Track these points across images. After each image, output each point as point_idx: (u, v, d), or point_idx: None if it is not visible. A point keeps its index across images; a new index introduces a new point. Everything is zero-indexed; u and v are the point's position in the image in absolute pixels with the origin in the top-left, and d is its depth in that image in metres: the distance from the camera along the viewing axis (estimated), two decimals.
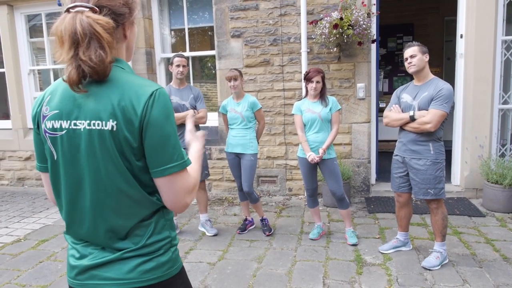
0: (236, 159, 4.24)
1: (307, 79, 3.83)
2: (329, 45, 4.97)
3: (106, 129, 1.14)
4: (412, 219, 4.29)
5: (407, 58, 3.30)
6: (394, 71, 9.01)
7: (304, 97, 4.03)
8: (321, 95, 3.89)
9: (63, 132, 1.19)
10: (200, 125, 4.35)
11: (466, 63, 5.06)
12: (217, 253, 3.88)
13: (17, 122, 6.78)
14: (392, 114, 3.48)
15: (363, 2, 4.85)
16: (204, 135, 1.56)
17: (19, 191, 6.61)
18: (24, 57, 6.78)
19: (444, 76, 8.20)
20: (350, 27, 4.62)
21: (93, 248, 1.26)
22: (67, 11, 1.13)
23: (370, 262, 3.56)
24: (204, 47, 6.19)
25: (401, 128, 3.48)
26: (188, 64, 5.08)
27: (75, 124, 1.17)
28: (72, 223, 1.27)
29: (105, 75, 1.14)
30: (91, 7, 1.13)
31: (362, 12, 4.69)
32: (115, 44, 1.18)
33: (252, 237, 4.25)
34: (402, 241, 3.75)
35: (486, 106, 4.96)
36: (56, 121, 1.19)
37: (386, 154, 6.29)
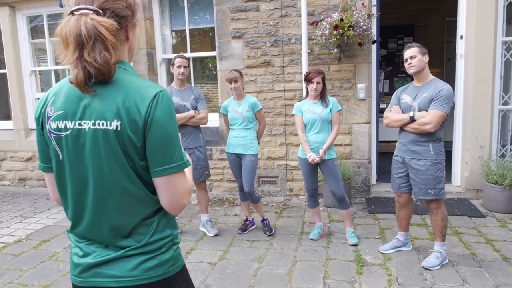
0: (237, 160, 4.25)
1: (308, 80, 3.85)
2: (330, 46, 4.99)
3: (111, 129, 1.16)
4: (412, 220, 4.31)
5: (407, 59, 3.32)
6: (395, 72, 9.02)
7: (305, 98, 4.04)
8: (322, 96, 3.91)
9: (68, 132, 1.20)
10: (201, 126, 4.37)
11: (466, 64, 5.08)
12: (218, 253, 3.90)
13: (19, 123, 6.80)
14: (392, 115, 3.49)
15: (364, 3, 4.88)
16: None
17: (21, 192, 6.63)
18: (26, 58, 6.80)
19: (445, 77, 8.22)
20: (351, 28, 4.64)
21: (97, 246, 1.28)
22: (71, 14, 1.15)
23: (370, 262, 3.57)
24: (205, 48, 6.21)
25: (401, 129, 3.49)
26: (189, 65, 5.10)
27: (80, 124, 1.19)
28: (77, 222, 1.29)
29: (110, 76, 1.16)
30: (95, 10, 1.15)
31: (363, 13, 4.71)
32: (119, 46, 1.20)
33: (253, 237, 4.26)
34: (402, 241, 3.76)
35: (486, 107, 4.98)
36: (61, 122, 1.21)
37: (387, 155, 6.32)
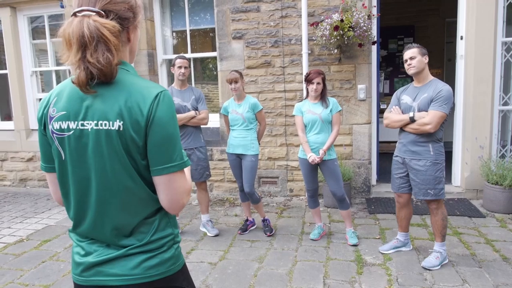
0: (237, 160, 4.26)
1: (308, 81, 3.86)
2: (330, 47, 5.00)
3: (113, 129, 1.18)
4: (413, 220, 4.32)
5: (407, 60, 3.33)
6: (395, 73, 9.03)
7: (305, 99, 4.06)
8: (322, 97, 3.92)
9: (71, 133, 1.22)
10: (202, 126, 4.38)
11: (466, 65, 5.09)
12: (219, 253, 3.91)
13: (20, 123, 6.82)
14: (392, 116, 3.50)
15: (364, 4, 4.89)
16: None
17: (21, 192, 6.64)
18: (27, 59, 6.82)
19: (445, 78, 8.23)
20: (351, 29, 4.65)
21: (98, 246, 1.29)
22: (74, 15, 1.17)
23: (371, 262, 3.58)
24: (206, 49, 6.22)
25: (401, 129, 3.50)
26: (190, 66, 5.11)
27: (83, 125, 1.20)
28: (79, 221, 1.30)
29: (112, 77, 1.18)
30: (98, 11, 1.17)
31: (363, 14, 4.72)
32: (121, 47, 1.22)
33: (253, 238, 4.27)
34: (402, 242, 3.77)
35: (486, 107, 4.98)
36: (64, 122, 1.22)
37: (387, 155, 6.32)
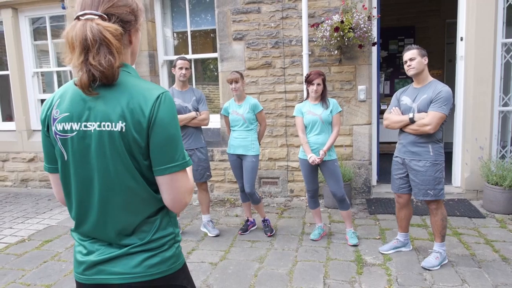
0: (238, 161, 4.28)
1: (308, 82, 3.87)
2: (330, 48, 5.02)
3: (116, 130, 1.20)
4: (413, 220, 4.34)
5: (407, 61, 3.35)
6: (395, 73, 9.05)
7: (305, 99, 4.07)
8: (322, 98, 3.94)
9: (74, 134, 1.24)
10: (203, 127, 4.40)
11: (467, 66, 5.10)
12: (219, 253, 3.92)
13: (21, 124, 6.84)
14: (392, 116, 3.52)
15: (364, 5, 4.91)
16: None
17: (23, 192, 6.67)
18: (28, 60, 6.85)
19: (446, 78, 8.24)
20: (351, 30, 4.67)
21: (100, 244, 1.31)
22: (77, 19, 1.19)
23: (370, 263, 3.59)
24: (207, 50, 6.24)
25: (401, 130, 3.52)
26: (191, 67, 5.13)
27: (86, 126, 1.22)
28: (81, 221, 1.32)
29: (114, 79, 1.20)
30: (100, 15, 1.19)
31: (363, 15, 4.74)
32: (123, 50, 1.24)
33: (254, 238, 4.29)
34: (402, 242, 3.78)
35: (486, 108, 5.00)
36: (67, 123, 1.24)
37: (387, 156, 6.33)
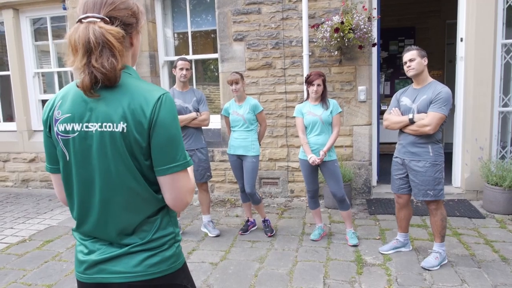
0: (238, 161, 4.29)
1: (308, 82, 3.89)
2: (330, 49, 5.03)
3: (117, 131, 1.21)
4: (413, 221, 4.34)
5: (406, 62, 3.36)
6: (396, 74, 9.05)
7: (306, 100, 4.08)
8: (322, 98, 3.95)
9: (75, 134, 1.25)
10: (203, 127, 4.41)
11: (466, 66, 5.11)
12: (220, 254, 3.94)
13: (22, 124, 6.85)
14: (392, 117, 3.53)
15: (364, 6, 4.92)
16: None
17: (24, 193, 6.68)
18: (29, 60, 6.86)
19: (446, 79, 8.25)
20: (351, 31, 4.68)
21: (101, 244, 1.33)
22: (80, 21, 1.21)
23: (370, 263, 3.60)
24: (207, 50, 6.26)
25: (401, 131, 3.53)
26: (191, 67, 5.14)
27: (87, 127, 1.24)
28: (83, 220, 1.34)
29: (116, 81, 1.22)
30: (102, 18, 1.21)
31: (363, 16, 4.75)
32: (125, 52, 1.25)
33: (254, 238, 4.30)
34: (402, 242, 3.79)
35: (486, 109, 5.01)
36: (69, 124, 1.26)
37: (387, 156, 6.32)
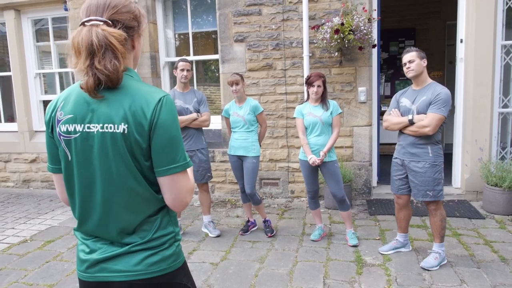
0: (239, 162, 4.31)
1: (309, 83, 3.90)
2: (331, 50, 5.05)
3: (118, 132, 1.24)
4: (412, 221, 4.36)
5: (406, 63, 3.37)
6: (396, 75, 9.07)
7: (306, 101, 4.10)
8: (322, 99, 3.97)
9: (77, 135, 1.28)
10: (204, 128, 4.43)
11: (466, 67, 5.12)
12: (220, 254, 3.95)
13: (23, 125, 6.88)
14: (392, 118, 3.54)
15: (364, 8, 4.94)
16: None
17: (25, 193, 6.70)
18: (30, 61, 6.89)
19: (446, 80, 8.26)
20: (351, 32, 4.70)
21: (103, 243, 1.35)
22: (83, 24, 1.23)
23: (370, 263, 3.62)
24: (208, 51, 6.28)
25: (401, 132, 3.54)
26: (192, 68, 5.16)
27: (89, 127, 1.26)
28: (84, 220, 1.36)
29: (118, 83, 1.25)
30: (105, 21, 1.23)
31: (363, 18, 4.77)
32: (127, 55, 1.27)
33: (255, 238, 4.32)
34: (402, 242, 3.81)
35: (486, 110, 5.02)
36: (71, 125, 1.28)
37: (388, 157, 6.32)
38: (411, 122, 3.38)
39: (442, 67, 8.61)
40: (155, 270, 1.32)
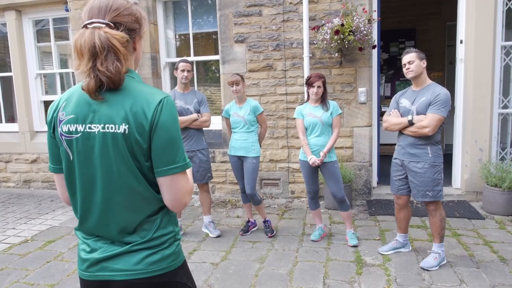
0: (239, 162, 4.32)
1: (309, 84, 3.92)
2: (331, 51, 5.06)
3: (119, 132, 1.25)
4: (412, 222, 4.37)
5: (405, 64, 3.38)
6: (396, 76, 9.07)
7: (306, 102, 4.11)
8: (322, 100, 3.98)
9: (79, 135, 1.29)
10: (204, 129, 4.44)
11: (466, 68, 5.13)
12: (220, 254, 3.96)
13: (24, 125, 6.89)
14: (391, 119, 3.56)
15: (364, 9, 4.95)
16: None
17: (25, 193, 6.72)
18: (31, 61, 6.91)
19: (446, 81, 8.27)
20: (351, 33, 4.71)
21: (103, 242, 1.36)
22: (85, 27, 1.25)
23: (370, 263, 3.63)
24: (208, 51, 6.29)
25: (400, 132, 3.55)
26: (193, 69, 5.18)
27: (90, 128, 1.27)
28: (85, 219, 1.37)
29: (120, 84, 1.26)
30: (107, 23, 1.25)
31: (363, 19, 4.78)
32: (129, 57, 1.29)
33: (255, 239, 4.33)
34: (402, 243, 3.82)
35: (486, 111, 5.03)
36: (72, 125, 1.29)
37: (388, 158, 6.31)
38: (411, 123, 3.39)
39: (442, 68, 8.62)
40: (155, 269, 1.33)
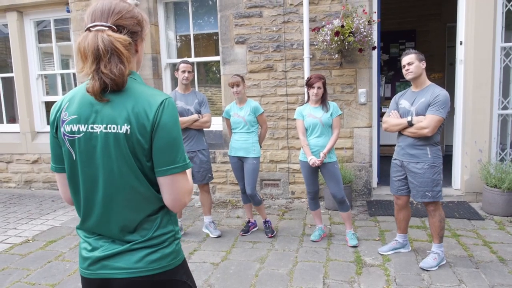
0: (239, 163, 4.34)
1: (309, 85, 3.93)
2: (331, 52, 5.08)
3: (121, 133, 1.27)
4: (412, 222, 4.38)
5: (405, 65, 3.40)
6: (397, 77, 9.08)
7: (306, 102, 4.13)
8: (322, 101, 3.99)
9: (81, 135, 1.31)
10: (205, 129, 4.46)
11: (466, 69, 5.15)
12: (221, 254, 3.98)
13: (25, 126, 6.91)
14: (391, 120, 3.57)
15: (364, 10, 4.97)
16: None
17: (26, 194, 6.74)
18: (33, 62, 6.93)
19: (447, 82, 8.28)
20: (351, 34, 4.73)
21: (104, 241, 1.38)
22: (88, 30, 1.27)
23: (370, 263, 3.64)
24: (209, 52, 6.31)
25: (400, 133, 3.57)
26: (193, 70, 5.20)
27: (92, 128, 1.30)
28: (87, 218, 1.39)
29: (123, 86, 1.29)
30: (110, 26, 1.27)
31: (363, 20, 4.80)
32: (131, 59, 1.31)
33: (255, 239, 4.34)
34: (401, 243, 3.83)
35: (486, 112, 5.04)
36: (75, 125, 1.31)
37: (388, 158, 6.31)
38: (410, 124, 3.40)
39: (443, 69, 8.63)
40: (155, 268, 1.35)
